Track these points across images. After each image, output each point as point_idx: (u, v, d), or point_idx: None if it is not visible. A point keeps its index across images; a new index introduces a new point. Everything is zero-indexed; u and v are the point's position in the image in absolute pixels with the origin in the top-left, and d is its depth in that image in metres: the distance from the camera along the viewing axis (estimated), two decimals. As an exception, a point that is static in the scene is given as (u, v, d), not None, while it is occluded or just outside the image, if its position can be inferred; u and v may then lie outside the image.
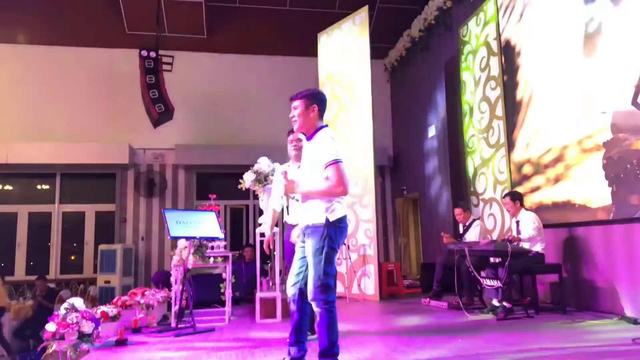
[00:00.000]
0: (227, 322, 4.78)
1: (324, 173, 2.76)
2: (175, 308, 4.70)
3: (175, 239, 4.85)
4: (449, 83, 8.15)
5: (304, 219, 2.89)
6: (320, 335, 2.74)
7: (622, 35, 4.54)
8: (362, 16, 7.28)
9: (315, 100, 2.92)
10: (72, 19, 9.55)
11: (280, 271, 5.14)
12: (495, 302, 5.03)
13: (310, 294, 2.76)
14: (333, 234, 2.75)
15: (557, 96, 5.44)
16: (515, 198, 5.29)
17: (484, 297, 5.62)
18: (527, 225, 5.02)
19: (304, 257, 2.87)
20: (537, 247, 5.00)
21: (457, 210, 6.19)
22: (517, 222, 5.21)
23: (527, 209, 5.33)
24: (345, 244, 6.62)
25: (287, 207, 3.99)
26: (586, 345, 3.45)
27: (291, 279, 2.96)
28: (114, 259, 8.75)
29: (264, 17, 10.00)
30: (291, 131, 3.69)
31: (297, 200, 3.15)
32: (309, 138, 2.94)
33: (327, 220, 2.74)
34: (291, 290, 2.94)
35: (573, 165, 5.17)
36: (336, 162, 2.72)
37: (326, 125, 2.96)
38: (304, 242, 2.88)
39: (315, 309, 2.75)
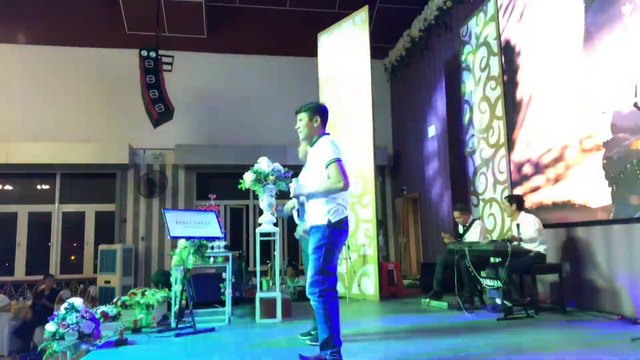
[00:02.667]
0: (227, 322, 4.78)
1: (325, 173, 2.95)
2: (175, 308, 4.70)
3: (175, 239, 4.85)
4: (449, 83, 8.15)
5: (308, 221, 3.07)
6: (319, 328, 2.86)
7: (622, 35, 4.54)
8: (362, 16, 7.28)
9: (318, 112, 3.18)
10: (72, 19, 9.56)
11: (280, 271, 5.14)
12: (498, 301, 5.01)
13: (307, 288, 2.93)
14: (334, 234, 2.92)
15: (557, 96, 5.44)
16: (512, 201, 5.29)
17: (484, 297, 5.62)
18: (528, 227, 5.01)
19: None
20: (539, 248, 4.99)
21: (456, 214, 6.19)
22: (518, 226, 5.19)
23: (527, 211, 5.32)
24: (345, 244, 6.62)
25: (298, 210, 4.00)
26: (586, 345, 3.45)
27: (309, 279, 3.04)
28: (114, 259, 8.75)
29: (264, 17, 10.01)
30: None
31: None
32: (312, 145, 3.19)
33: (329, 221, 2.91)
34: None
35: (573, 165, 5.17)
36: (336, 161, 2.92)
37: (328, 133, 3.21)
38: (309, 242, 3.03)
39: (312, 302, 2.89)
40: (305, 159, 3.69)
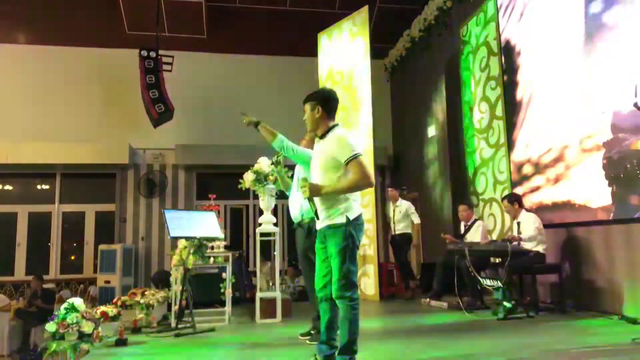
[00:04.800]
0: (227, 322, 4.77)
1: (341, 170, 2.79)
2: (175, 308, 4.70)
3: (175, 239, 4.85)
4: (449, 83, 8.15)
5: (323, 221, 2.89)
6: (342, 332, 2.78)
7: (622, 35, 4.54)
8: (362, 16, 7.28)
9: (319, 100, 2.98)
10: (72, 19, 9.57)
11: (280, 271, 5.14)
12: (505, 303, 4.94)
13: (335, 292, 2.79)
14: (354, 232, 2.80)
15: (557, 96, 5.44)
16: (513, 200, 5.28)
17: (485, 297, 5.61)
18: (528, 226, 5.01)
19: (327, 257, 2.89)
20: (539, 248, 5.00)
21: (462, 207, 6.14)
22: (518, 224, 5.20)
23: (527, 210, 5.33)
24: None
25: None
26: (586, 345, 3.45)
27: (320, 281, 2.96)
28: (114, 259, 8.75)
29: (264, 17, 10.01)
30: None
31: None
32: (321, 137, 2.99)
33: (348, 219, 2.78)
34: (321, 292, 2.95)
35: (573, 165, 5.17)
36: (356, 157, 2.75)
37: (337, 124, 3.00)
38: (323, 242, 2.90)
39: (341, 306, 2.79)
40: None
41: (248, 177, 5.09)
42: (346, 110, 7.35)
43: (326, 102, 2.99)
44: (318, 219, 2.92)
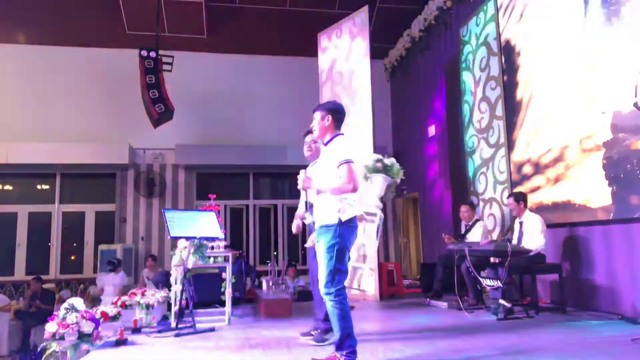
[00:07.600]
0: (227, 322, 4.77)
1: (337, 173, 2.99)
2: (175, 308, 4.70)
3: (175, 239, 4.85)
4: (449, 83, 8.15)
5: (317, 221, 3.09)
6: (334, 328, 2.89)
7: (622, 35, 4.54)
8: (362, 16, 7.28)
9: (330, 111, 3.24)
10: (72, 19, 9.56)
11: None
12: (502, 301, 4.96)
13: (321, 289, 2.94)
14: (345, 232, 2.96)
15: (557, 96, 5.44)
16: (519, 199, 5.28)
17: (484, 297, 5.61)
18: (533, 229, 5.01)
19: None
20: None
21: (465, 207, 6.14)
22: (521, 223, 5.20)
23: (531, 211, 5.33)
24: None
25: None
26: (586, 345, 3.45)
27: (323, 279, 3.05)
28: (114, 259, 8.73)
29: (264, 17, 10.00)
30: (308, 132, 3.94)
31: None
32: (326, 144, 3.26)
33: (340, 220, 2.95)
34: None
35: (573, 165, 5.17)
36: (347, 162, 2.96)
37: (342, 134, 3.24)
38: (319, 242, 3.05)
39: (328, 303, 2.91)
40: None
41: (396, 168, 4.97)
42: (346, 110, 7.33)
43: (336, 113, 3.24)
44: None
